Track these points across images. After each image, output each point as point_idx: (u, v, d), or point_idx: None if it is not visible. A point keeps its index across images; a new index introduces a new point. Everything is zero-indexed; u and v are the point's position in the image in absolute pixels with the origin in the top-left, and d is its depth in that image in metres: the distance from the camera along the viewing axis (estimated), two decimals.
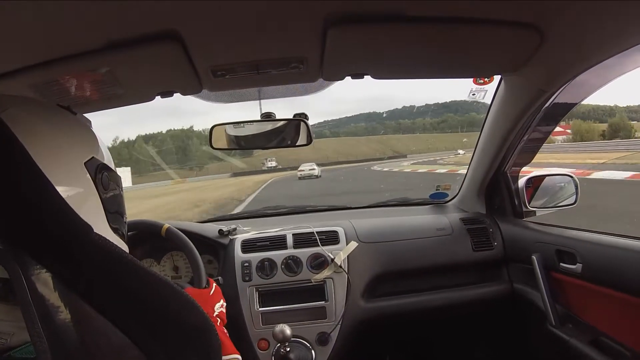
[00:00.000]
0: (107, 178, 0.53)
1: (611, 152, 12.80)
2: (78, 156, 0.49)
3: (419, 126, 49.65)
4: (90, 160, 0.50)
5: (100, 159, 0.52)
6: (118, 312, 0.45)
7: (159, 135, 53.45)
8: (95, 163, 0.51)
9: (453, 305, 1.33)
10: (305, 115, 1.13)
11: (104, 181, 0.52)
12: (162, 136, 52.90)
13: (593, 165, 9.87)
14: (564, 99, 1.08)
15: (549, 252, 1.15)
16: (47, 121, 0.49)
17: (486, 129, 1.32)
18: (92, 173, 0.50)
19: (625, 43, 0.78)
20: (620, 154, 11.63)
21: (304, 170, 16.49)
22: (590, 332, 1.05)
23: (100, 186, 0.51)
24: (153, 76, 0.92)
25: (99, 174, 0.51)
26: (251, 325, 1.23)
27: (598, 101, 34.34)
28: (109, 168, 0.54)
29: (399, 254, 1.34)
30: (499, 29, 0.77)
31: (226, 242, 1.35)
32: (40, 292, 0.39)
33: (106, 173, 0.52)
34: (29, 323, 0.37)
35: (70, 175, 0.47)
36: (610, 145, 16.77)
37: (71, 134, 0.51)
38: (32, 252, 0.40)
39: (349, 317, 1.25)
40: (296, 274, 1.27)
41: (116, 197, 0.55)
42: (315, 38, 0.76)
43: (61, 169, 0.46)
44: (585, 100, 1.14)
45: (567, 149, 18.98)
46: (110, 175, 0.54)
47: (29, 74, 0.76)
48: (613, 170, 8.30)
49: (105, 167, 0.53)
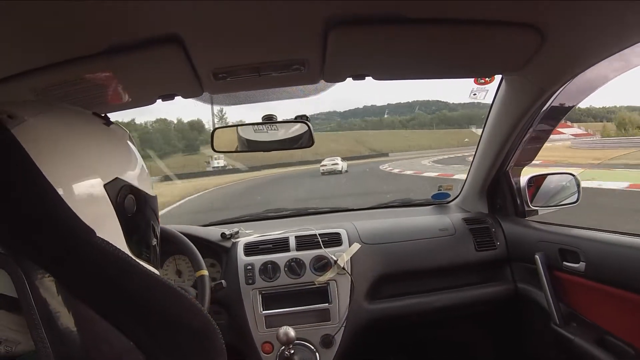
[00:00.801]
0: (131, 201, 0.50)
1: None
2: (99, 177, 0.46)
3: (387, 124, 47.53)
4: (112, 182, 0.47)
5: (126, 180, 0.49)
6: (121, 316, 0.45)
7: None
8: (118, 184, 0.48)
9: (456, 305, 1.33)
10: (307, 117, 1.13)
11: (127, 205, 0.49)
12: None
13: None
14: (565, 97, 1.09)
15: (552, 251, 1.15)
16: (73, 136, 0.47)
17: (487, 129, 1.32)
18: (114, 196, 0.47)
19: (625, 41, 0.79)
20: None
21: (327, 165, 15.38)
22: (595, 330, 1.04)
23: (122, 210, 0.48)
24: (154, 80, 0.92)
25: (122, 197, 0.48)
26: (255, 328, 1.22)
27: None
28: (136, 189, 0.51)
29: (402, 255, 1.34)
30: (499, 29, 0.77)
31: (229, 245, 1.35)
32: (43, 296, 0.39)
33: (131, 196, 0.50)
34: (32, 328, 0.37)
35: (88, 197, 0.45)
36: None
37: (96, 151, 0.48)
38: (35, 257, 0.40)
39: (353, 319, 1.25)
40: (299, 276, 1.27)
41: (140, 221, 0.52)
42: (316, 40, 0.76)
43: (79, 188, 0.44)
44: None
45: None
46: (136, 197, 0.51)
47: (31, 78, 0.75)
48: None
49: (131, 188, 0.50)
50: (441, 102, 46.72)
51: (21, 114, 0.43)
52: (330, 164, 14.96)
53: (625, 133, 19.68)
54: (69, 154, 0.45)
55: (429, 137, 35.96)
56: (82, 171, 0.45)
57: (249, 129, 1.16)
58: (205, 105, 1.14)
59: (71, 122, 0.49)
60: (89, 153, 0.47)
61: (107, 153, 0.50)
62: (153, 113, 12.98)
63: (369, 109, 51.43)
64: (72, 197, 0.42)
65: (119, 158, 0.51)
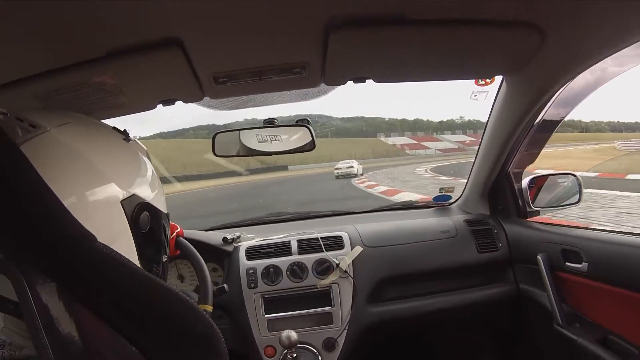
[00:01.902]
0: (146, 218, 0.50)
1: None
2: (117, 192, 0.46)
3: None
4: (129, 198, 0.47)
5: (142, 196, 0.49)
6: (123, 321, 0.44)
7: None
8: (135, 201, 0.48)
9: (459, 307, 1.32)
10: (308, 121, 1.13)
11: (142, 222, 0.49)
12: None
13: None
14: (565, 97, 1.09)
15: (555, 251, 1.14)
16: (91, 149, 0.47)
17: (488, 130, 1.32)
18: (130, 212, 0.47)
19: (625, 40, 0.79)
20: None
21: (341, 169, 15.24)
22: (598, 330, 1.04)
23: (136, 226, 0.48)
24: (155, 84, 0.92)
25: (138, 213, 0.48)
26: (257, 332, 1.22)
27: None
28: (151, 206, 0.51)
29: (404, 257, 1.34)
30: (500, 30, 0.77)
31: (230, 249, 1.34)
32: (44, 301, 0.38)
33: (146, 213, 0.50)
34: (34, 333, 0.37)
35: (104, 212, 0.45)
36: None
37: (115, 166, 0.48)
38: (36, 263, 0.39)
39: (356, 322, 1.24)
40: (301, 280, 1.26)
41: (153, 237, 0.52)
42: (316, 43, 0.76)
43: (96, 203, 0.44)
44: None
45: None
46: (151, 214, 0.50)
47: (33, 83, 0.75)
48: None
49: (147, 205, 0.50)
50: (324, 115, 46.66)
51: (45, 124, 0.43)
52: (345, 167, 14.81)
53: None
54: (88, 168, 0.45)
55: (338, 147, 35.26)
56: (101, 185, 0.45)
57: (252, 136, 1.16)
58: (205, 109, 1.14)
59: (93, 135, 0.49)
60: (108, 168, 0.47)
61: (126, 169, 0.50)
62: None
63: (249, 122, 52.87)
64: (87, 210, 0.42)
65: (137, 174, 0.52)
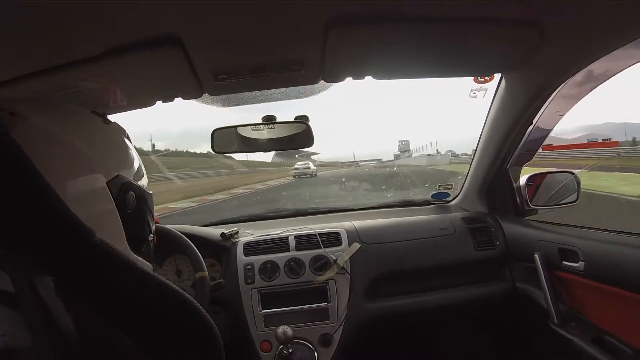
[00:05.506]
0: (132, 198, 0.50)
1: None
2: (102, 174, 0.47)
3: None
4: (114, 179, 0.48)
5: (126, 176, 0.50)
6: (120, 315, 0.45)
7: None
8: (120, 181, 0.49)
9: (455, 304, 1.33)
10: (307, 118, 1.13)
11: (128, 202, 0.50)
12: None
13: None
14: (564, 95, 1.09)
15: (552, 250, 1.15)
16: (73, 133, 0.47)
17: (487, 128, 1.32)
18: (115, 193, 0.48)
19: (624, 38, 0.79)
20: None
21: (299, 169, 15.71)
22: (593, 330, 1.04)
23: (123, 206, 0.49)
24: (154, 81, 0.92)
25: (124, 193, 0.49)
26: (253, 327, 1.22)
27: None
28: (136, 186, 0.52)
29: (401, 254, 1.34)
30: (499, 28, 0.77)
31: (228, 245, 1.35)
32: (42, 296, 0.39)
33: (131, 192, 0.50)
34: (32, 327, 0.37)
35: (91, 194, 0.45)
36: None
37: (98, 149, 0.49)
38: (34, 257, 0.40)
39: (352, 318, 1.25)
40: (299, 276, 1.27)
41: (140, 217, 0.53)
42: (316, 40, 0.76)
43: (83, 186, 0.44)
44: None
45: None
46: (136, 193, 0.51)
47: (32, 80, 0.75)
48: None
49: (131, 186, 0.51)
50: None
51: (24, 111, 0.43)
52: (302, 167, 15.20)
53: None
54: (72, 153, 0.45)
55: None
56: (85, 169, 0.46)
57: (248, 128, 1.17)
58: (205, 106, 1.14)
59: (73, 120, 0.50)
60: (91, 151, 0.48)
61: (108, 151, 0.51)
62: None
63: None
64: (74, 194, 0.42)
65: (119, 155, 0.52)
